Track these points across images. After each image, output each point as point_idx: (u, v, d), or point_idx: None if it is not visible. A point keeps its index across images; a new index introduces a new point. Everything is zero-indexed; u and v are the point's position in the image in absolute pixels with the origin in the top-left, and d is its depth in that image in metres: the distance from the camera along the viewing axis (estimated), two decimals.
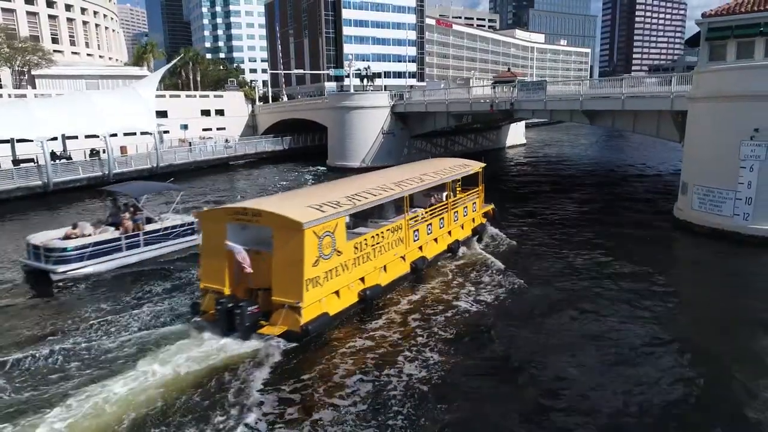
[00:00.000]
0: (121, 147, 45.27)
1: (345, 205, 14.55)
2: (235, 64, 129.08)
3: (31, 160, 37.51)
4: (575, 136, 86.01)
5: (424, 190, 19.25)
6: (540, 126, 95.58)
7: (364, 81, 77.90)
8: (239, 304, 12.89)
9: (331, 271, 13.66)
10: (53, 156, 37.75)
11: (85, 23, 76.85)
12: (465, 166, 22.48)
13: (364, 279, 15.04)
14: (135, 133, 45.93)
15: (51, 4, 70.75)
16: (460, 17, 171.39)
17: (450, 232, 20.14)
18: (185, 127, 56.45)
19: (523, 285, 17.03)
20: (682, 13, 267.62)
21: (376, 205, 16.51)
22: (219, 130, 63.63)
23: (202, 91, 74.39)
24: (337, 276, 13.90)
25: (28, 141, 36.22)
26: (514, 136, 68.48)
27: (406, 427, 9.93)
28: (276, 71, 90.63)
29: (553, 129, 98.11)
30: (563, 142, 77.54)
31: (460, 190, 22.02)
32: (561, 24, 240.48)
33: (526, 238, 23.04)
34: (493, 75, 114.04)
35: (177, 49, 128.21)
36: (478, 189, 22.88)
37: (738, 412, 10.39)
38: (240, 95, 70.33)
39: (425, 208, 19.13)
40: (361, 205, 15.22)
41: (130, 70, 72.96)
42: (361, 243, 15.02)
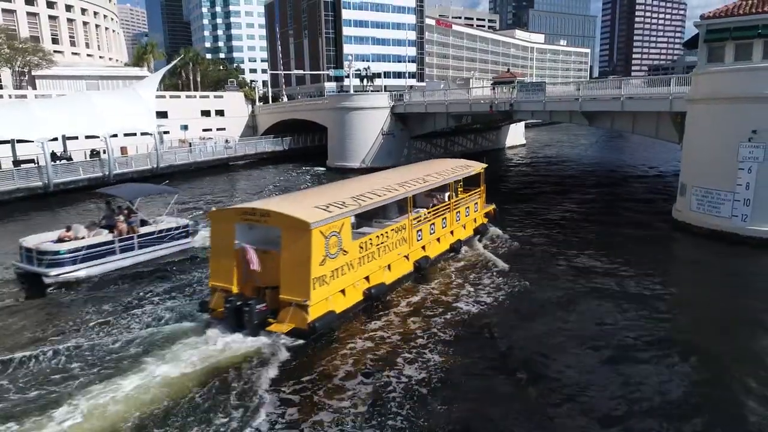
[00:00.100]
0: (122, 148, 45.27)
1: (351, 205, 14.82)
2: (235, 65, 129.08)
3: (31, 161, 37.59)
4: (575, 136, 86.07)
5: (426, 191, 19.42)
6: (540, 126, 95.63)
7: (364, 81, 77.98)
8: (248, 302, 13.16)
9: (337, 270, 13.94)
10: (53, 157, 37.78)
11: (85, 24, 76.86)
12: (467, 166, 22.68)
13: (369, 278, 15.33)
14: (135, 134, 45.88)
15: (51, 5, 70.77)
16: (459, 17, 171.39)
17: (452, 232, 20.40)
18: (185, 127, 56.55)
19: (523, 285, 17.19)
20: (682, 13, 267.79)
21: (381, 206, 16.76)
22: (219, 130, 63.63)
23: (202, 91, 74.35)
24: (343, 275, 14.19)
25: (28, 142, 36.25)
26: (514, 136, 68.60)
27: (406, 428, 10.00)
28: (276, 71, 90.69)
29: (552, 129, 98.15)
30: (563, 143, 77.62)
31: (461, 191, 22.24)
32: (561, 24, 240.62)
33: (527, 239, 23.14)
34: (493, 75, 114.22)
35: (177, 49, 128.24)
36: (480, 189, 23.09)
37: (738, 412, 10.48)
38: (240, 96, 70.29)
39: (428, 209, 19.35)
40: (366, 205, 15.49)
41: (131, 71, 72.98)
42: (366, 242, 15.29)
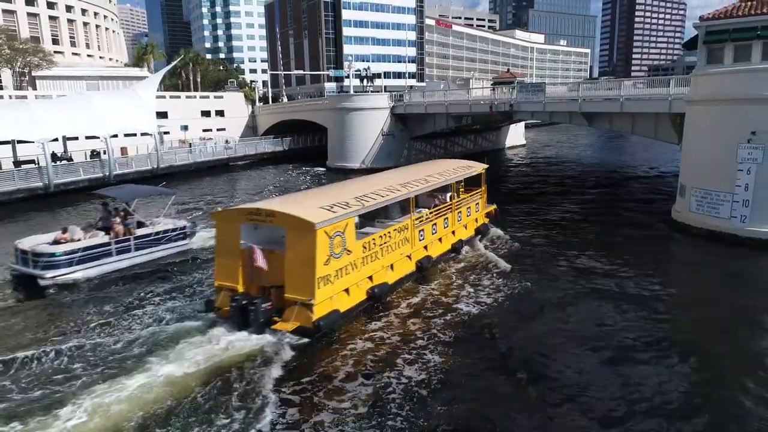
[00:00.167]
0: (122, 148, 45.32)
1: (354, 206, 15.00)
2: (235, 65, 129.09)
3: (32, 162, 37.60)
4: (575, 136, 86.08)
5: (428, 191, 19.58)
6: (540, 126, 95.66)
7: (364, 82, 77.97)
8: (253, 301, 13.34)
9: (341, 269, 14.12)
10: (54, 157, 37.82)
11: (85, 24, 76.92)
12: (468, 167, 22.79)
13: (372, 277, 15.49)
14: (135, 134, 45.89)
15: (51, 6, 70.85)
16: (459, 18, 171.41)
17: (454, 232, 20.55)
18: (185, 128, 56.60)
19: (523, 285, 17.30)
20: (682, 13, 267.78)
21: (383, 206, 16.92)
22: (219, 130, 63.67)
23: (202, 91, 74.38)
24: (346, 274, 14.36)
25: (28, 142, 36.26)
26: (514, 136, 68.65)
27: (406, 428, 10.06)
28: (276, 72, 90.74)
29: (552, 129, 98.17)
30: (563, 143, 77.65)
31: (463, 191, 22.36)
32: (561, 24, 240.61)
33: (527, 239, 23.24)
34: (493, 76, 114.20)
35: (177, 49, 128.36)
36: (481, 190, 23.22)
37: (737, 413, 10.55)
38: (240, 96, 70.33)
39: (430, 209, 19.49)
40: (369, 205, 15.67)
41: (131, 71, 73.02)
42: (369, 242, 15.47)
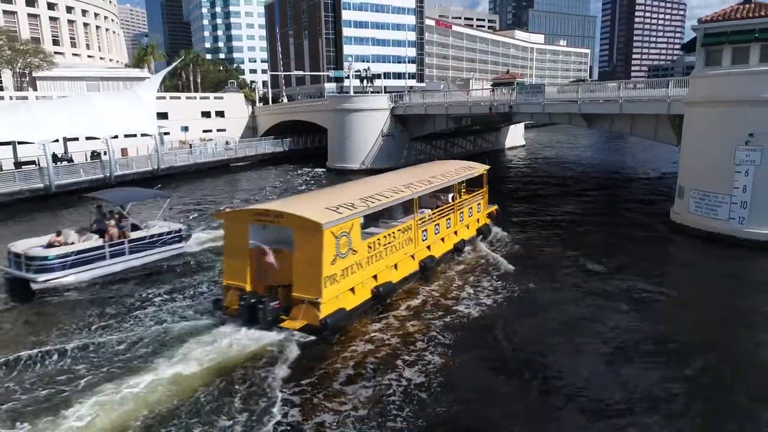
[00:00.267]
0: (122, 149, 45.35)
1: (360, 207, 15.27)
2: (235, 65, 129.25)
3: (32, 163, 37.67)
4: (574, 137, 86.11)
5: (431, 192, 19.81)
6: (539, 127, 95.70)
7: (364, 82, 78.11)
8: (262, 300, 13.63)
9: (347, 269, 14.41)
10: (54, 158, 37.84)
11: (85, 25, 77.01)
12: (470, 168, 23.02)
13: (376, 276, 15.75)
14: (135, 135, 45.94)
15: (52, 7, 70.96)
16: (459, 18, 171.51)
17: (456, 232, 20.83)
18: (186, 128, 56.70)
19: (523, 286, 17.45)
20: (682, 13, 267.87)
21: (387, 207, 17.17)
22: (219, 131, 63.74)
23: (202, 92, 74.49)
24: (352, 273, 14.65)
25: (29, 143, 36.33)
26: (514, 137, 68.74)
27: (406, 428, 10.16)
28: (276, 72, 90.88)
29: (552, 130, 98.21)
30: (563, 144, 77.72)
31: (465, 192, 22.61)
32: (560, 24, 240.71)
33: (527, 239, 23.43)
34: (493, 76, 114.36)
35: (177, 49, 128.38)
36: (483, 190, 23.48)
37: (736, 413, 10.69)
38: (240, 97, 70.40)
39: (432, 209, 19.74)
40: (374, 206, 15.95)
41: (131, 72, 73.12)
42: (374, 242, 15.75)
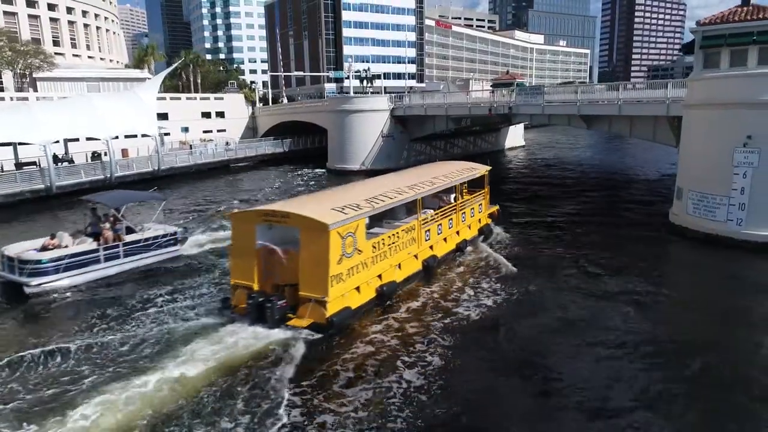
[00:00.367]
0: (123, 150, 45.43)
1: (365, 207, 15.54)
2: (235, 65, 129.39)
3: (33, 164, 37.77)
4: (574, 137, 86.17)
5: (434, 193, 20.03)
6: (539, 128, 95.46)
7: (364, 83, 78.15)
8: (269, 299, 13.88)
9: (352, 268, 14.67)
10: (55, 159, 37.92)
11: (86, 26, 77.11)
12: (472, 169, 23.24)
13: (381, 276, 15.98)
14: (136, 136, 46.02)
15: (52, 7, 71.06)
16: (459, 18, 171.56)
17: (458, 232, 21.07)
18: (186, 129, 56.78)
19: (523, 286, 17.64)
20: (682, 13, 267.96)
21: (391, 207, 17.40)
22: (219, 132, 63.82)
23: (202, 93, 74.56)
24: (357, 273, 14.91)
25: (30, 144, 36.42)
26: (513, 138, 68.84)
27: (406, 428, 10.24)
28: (276, 73, 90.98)
29: (552, 130, 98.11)
30: (562, 144, 77.80)
31: (466, 192, 22.83)
32: (560, 25, 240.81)
33: (527, 240, 23.62)
34: (493, 76, 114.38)
35: (177, 49, 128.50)
36: (484, 191, 23.70)
37: (736, 413, 10.79)
38: (240, 97, 70.47)
39: (435, 210, 19.96)
40: (379, 207, 16.22)
41: (132, 73, 73.22)
42: (378, 242, 16.01)
